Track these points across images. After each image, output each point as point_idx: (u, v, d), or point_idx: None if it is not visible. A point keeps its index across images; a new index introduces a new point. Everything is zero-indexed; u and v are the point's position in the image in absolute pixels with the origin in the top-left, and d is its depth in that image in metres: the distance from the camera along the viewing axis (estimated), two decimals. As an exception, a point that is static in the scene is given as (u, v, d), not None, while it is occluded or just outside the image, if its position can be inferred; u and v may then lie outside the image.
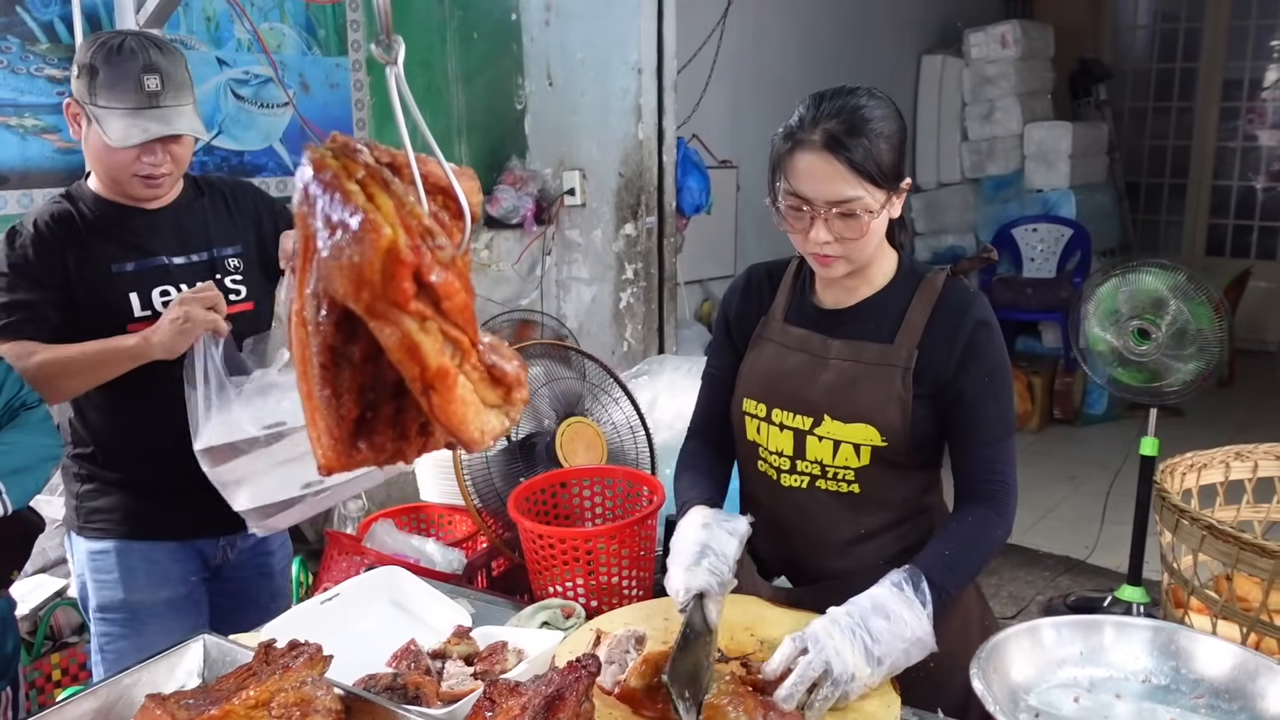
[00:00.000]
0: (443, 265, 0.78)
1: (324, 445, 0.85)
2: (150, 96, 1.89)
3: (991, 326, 1.61)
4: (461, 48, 4.10)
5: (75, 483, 2.08)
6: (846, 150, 1.50)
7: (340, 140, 0.82)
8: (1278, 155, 7.69)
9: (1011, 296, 6.46)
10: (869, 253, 1.60)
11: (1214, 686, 1.22)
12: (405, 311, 0.75)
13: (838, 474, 1.66)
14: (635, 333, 4.33)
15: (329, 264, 0.76)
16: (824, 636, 1.39)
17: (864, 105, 1.54)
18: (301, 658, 1.40)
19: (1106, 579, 4.10)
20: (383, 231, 0.75)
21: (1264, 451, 2.35)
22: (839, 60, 5.92)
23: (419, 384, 0.77)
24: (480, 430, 0.80)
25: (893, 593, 1.45)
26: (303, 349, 0.85)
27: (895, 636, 1.41)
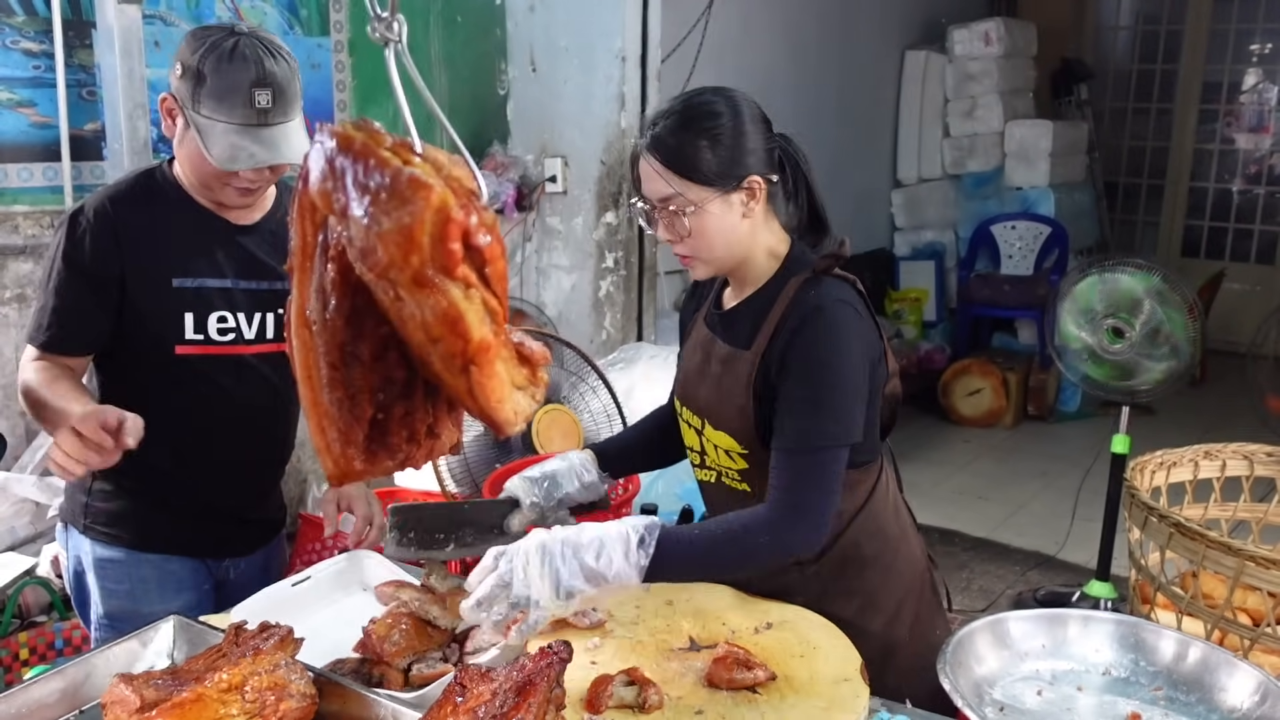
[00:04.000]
0: (488, 227, 0.75)
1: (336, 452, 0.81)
2: (260, 113, 1.73)
3: (815, 332, 1.53)
4: (444, 31, 4.08)
5: (88, 479, 1.93)
6: (663, 149, 1.55)
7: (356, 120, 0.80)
8: (1254, 158, 7.77)
9: (989, 293, 6.51)
10: (718, 251, 1.60)
11: (1173, 679, 1.25)
12: (452, 277, 0.72)
13: (729, 473, 1.68)
14: (614, 321, 4.33)
15: (371, 232, 0.71)
16: (519, 561, 1.40)
17: (693, 105, 1.57)
18: (272, 640, 1.40)
19: (1076, 574, 4.14)
20: (434, 189, 0.71)
21: (1232, 451, 2.39)
22: (823, 54, 5.93)
23: (459, 360, 0.72)
24: (514, 410, 0.77)
25: (619, 538, 1.43)
26: (306, 353, 0.81)
27: (596, 576, 1.41)
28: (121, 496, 1.95)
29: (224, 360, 1.91)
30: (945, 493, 5.12)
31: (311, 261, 0.80)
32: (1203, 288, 6.65)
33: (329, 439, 0.80)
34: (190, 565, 2.01)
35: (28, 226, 2.95)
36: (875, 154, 6.76)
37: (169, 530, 1.97)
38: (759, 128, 1.60)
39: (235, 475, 1.99)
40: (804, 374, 1.52)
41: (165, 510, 1.96)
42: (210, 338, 1.89)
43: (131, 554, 1.95)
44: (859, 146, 6.41)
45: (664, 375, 2.78)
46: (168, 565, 1.98)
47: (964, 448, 5.85)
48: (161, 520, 1.96)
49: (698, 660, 1.54)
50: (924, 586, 1.81)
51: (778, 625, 1.63)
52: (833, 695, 1.44)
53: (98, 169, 3.06)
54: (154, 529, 1.96)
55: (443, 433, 0.84)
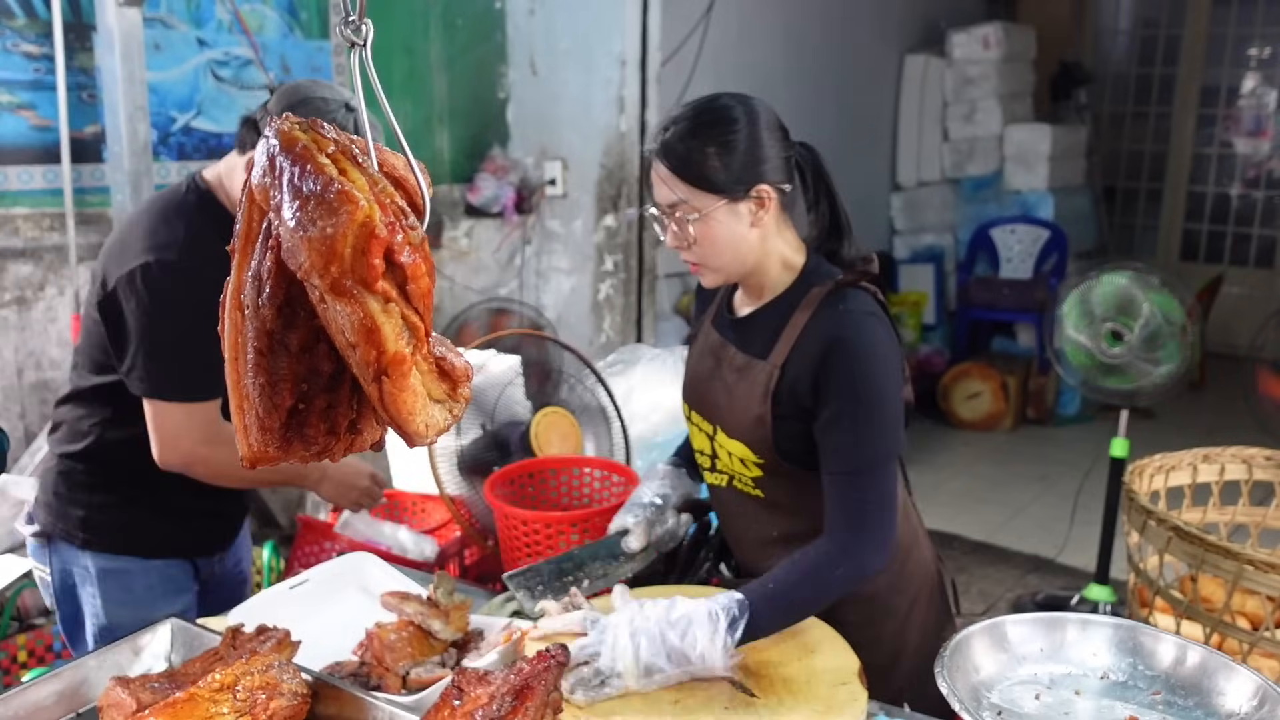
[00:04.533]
0: (413, 246, 0.77)
1: (252, 435, 0.82)
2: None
3: (852, 347, 1.52)
4: (445, 34, 4.08)
5: (83, 492, 1.94)
6: (671, 155, 1.54)
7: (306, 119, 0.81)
8: (1253, 162, 7.77)
9: (988, 296, 6.51)
10: (725, 259, 1.59)
11: (1171, 683, 1.24)
12: (371, 290, 0.74)
13: (742, 479, 1.68)
14: (614, 324, 4.33)
15: (296, 236, 0.74)
16: (609, 636, 1.44)
17: (705, 111, 1.55)
18: (269, 642, 1.41)
19: (1075, 578, 4.14)
20: (359, 204, 0.73)
21: (1231, 455, 2.38)
22: (822, 58, 5.94)
23: (372, 369, 0.75)
24: (425, 423, 0.78)
25: (706, 618, 1.45)
26: (236, 333, 0.82)
27: (681, 657, 1.44)
28: (126, 506, 1.94)
29: None
30: (944, 496, 5.12)
31: (252, 247, 0.82)
32: (1201, 291, 6.65)
33: (246, 421, 0.82)
34: (185, 567, 2.03)
35: (28, 229, 2.95)
36: (874, 157, 6.77)
37: (171, 535, 1.98)
38: (773, 136, 1.58)
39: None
40: (848, 394, 1.51)
41: (167, 515, 1.97)
42: None
43: (138, 562, 1.95)
44: (858, 150, 6.42)
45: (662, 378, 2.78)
46: (168, 570, 1.99)
47: (963, 451, 5.85)
48: (164, 526, 1.97)
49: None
50: (933, 590, 1.81)
51: (776, 628, 1.63)
52: (831, 699, 1.44)
53: (98, 171, 3.07)
54: (158, 535, 1.97)
55: (365, 429, 0.86)
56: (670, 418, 2.66)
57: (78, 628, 2.01)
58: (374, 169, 0.81)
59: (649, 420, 2.66)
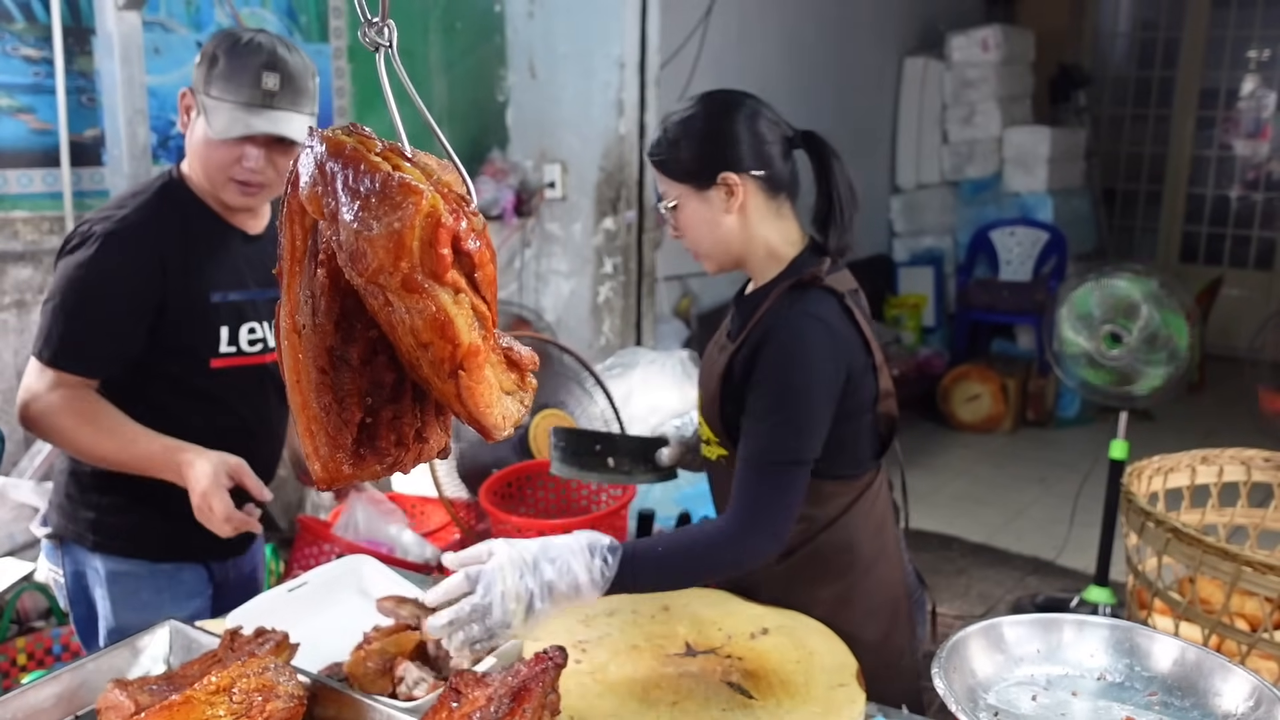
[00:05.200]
0: (477, 232, 0.75)
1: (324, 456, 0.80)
2: (266, 95, 1.73)
3: (783, 347, 1.55)
4: (444, 38, 4.09)
5: (93, 494, 1.94)
6: (656, 152, 1.67)
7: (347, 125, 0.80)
8: (1252, 164, 7.77)
9: (987, 298, 6.51)
10: (705, 246, 1.68)
11: (1167, 683, 1.24)
12: (441, 282, 0.72)
13: (719, 458, 1.75)
14: (613, 327, 4.34)
15: (361, 237, 0.72)
16: (496, 582, 1.40)
17: (678, 112, 1.66)
18: (267, 645, 1.41)
19: (1074, 580, 4.14)
20: (424, 194, 0.72)
21: (1229, 456, 2.38)
22: (822, 61, 5.94)
23: (448, 365, 0.72)
24: (502, 415, 0.76)
25: (581, 552, 1.45)
26: (295, 357, 0.80)
27: (561, 598, 1.43)
28: (136, 509, 1.93)
29: (250, 370, 1.93)
30: (944, 498, 5.12)
31: (300, 266, 0.79)
32: (1201, 293, 6.65)
33: (317, 443, 0.79)
34: (198, 571, 2.02)
35: (27, 232, 2.96)
36: (874, 160, 6.77)
37: (182, 538, 1.95)
38: (752, 125, 1.61)
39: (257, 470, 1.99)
40: (767, 390, 1.56)
41: (178, 519, 1.92)
42: (242, 349, 1.91)
43: (147, 565, 1.95)
44: (858, 152, 6.42)
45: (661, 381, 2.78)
46: (180, 573, 1.98)
47: (963, 453, 5.85)
48: (175, 529, 1.93)
49: (693, 665, 1.55)
50: (896, 613, 1.78)
51: (774, 630, 1.64)
52: (828, 700, 1.44)
53: (97, 175, 3.07)
54: (169, 539, 1.95)
55: (431, 436, 0.84)
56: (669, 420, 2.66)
57: (91, 630, 2.01)
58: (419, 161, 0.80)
59: (648, 422, 2.66)
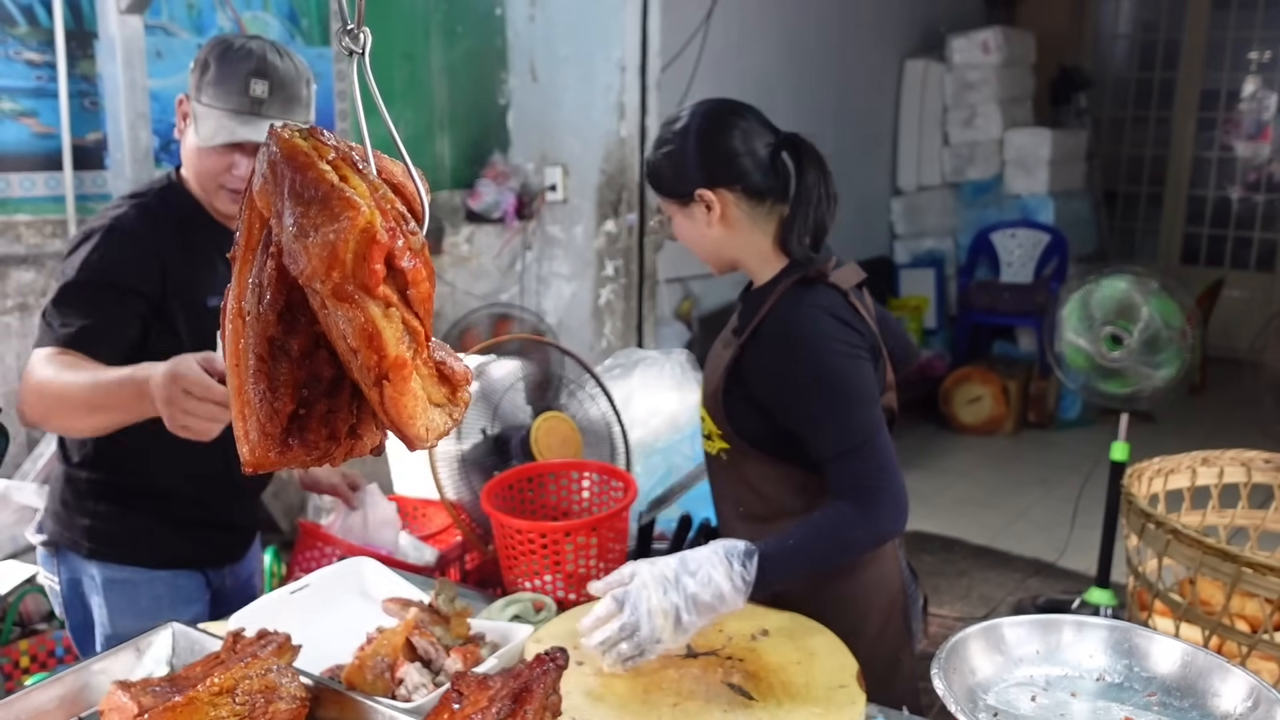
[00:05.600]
0: (414, 251, 0.77)
1: (253, 441, 0.83)
2: (254, 102, 1.73)
3: (809, 339, 1.60)
4: (445, 41, 4.10)
5: (89, 501, 1.92)
6: (646, 169, 1.77)
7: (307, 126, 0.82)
8: (1253, 166, 7.78)
9: (988, 300, 6.52)
10: (702, 254, 1.77)
11: (1166, 684, 1.25)
12: (372, 295, 0.74)
13: (720, 451, 1.79)
14: (614, 329, 4.34)
15: (299, 242, 0.74)
16: (641, 601, 1.48)
17: (661, 133, 1.74)
18: (270, 646, 1.41)
19: (1076, 582, 4.14)
20: (361, 210, 0.74)
21: (1229, 458, 2.38)
22: (822, 63, 5.95)
23: (373, 374, 0.75)
24: (425, 427, 0.79)
25: (720, 563, 1.51)
26: (237, 340, 0.83)
27: (707, 608, 1.50)
28: (132, 516, 1.93)
29: None
30: (946, 501, 5.12)
31: (253, 254, 0.83)
32: (1202, 295, 6.65)
33: (247, 427, 0.83)
34: (196, 578, 2.02)
35: (30, 236, 2.97)
36: (875, 162, 6.78)
37: (179, 545, 1.97)
38: (729, 139, 1.65)
39: (240, 485, 1.99)
40: (814, 386, 1.59)
41: (175, 526, 1.95)
42: None
43: (143, 572, 1.94)
44: (858, 154, 6.43)
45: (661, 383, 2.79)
46: (177, 580, 1.98)
47: (964, 455, 5.85)
48: (172, 536, 1.95)
49: (695, 667, 1.55)
50: (892, 610, 1.80)
51: (774, 632, 1.64)
52: (829, 701, 1.45)
53: (100, 178, 3.08)
54: (165, 546, 1.95)
55: (365, 434, 0.86)
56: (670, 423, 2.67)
57: (87, 637, 2.00)
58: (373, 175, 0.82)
59: (648, 425, 2.67)
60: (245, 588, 2.16)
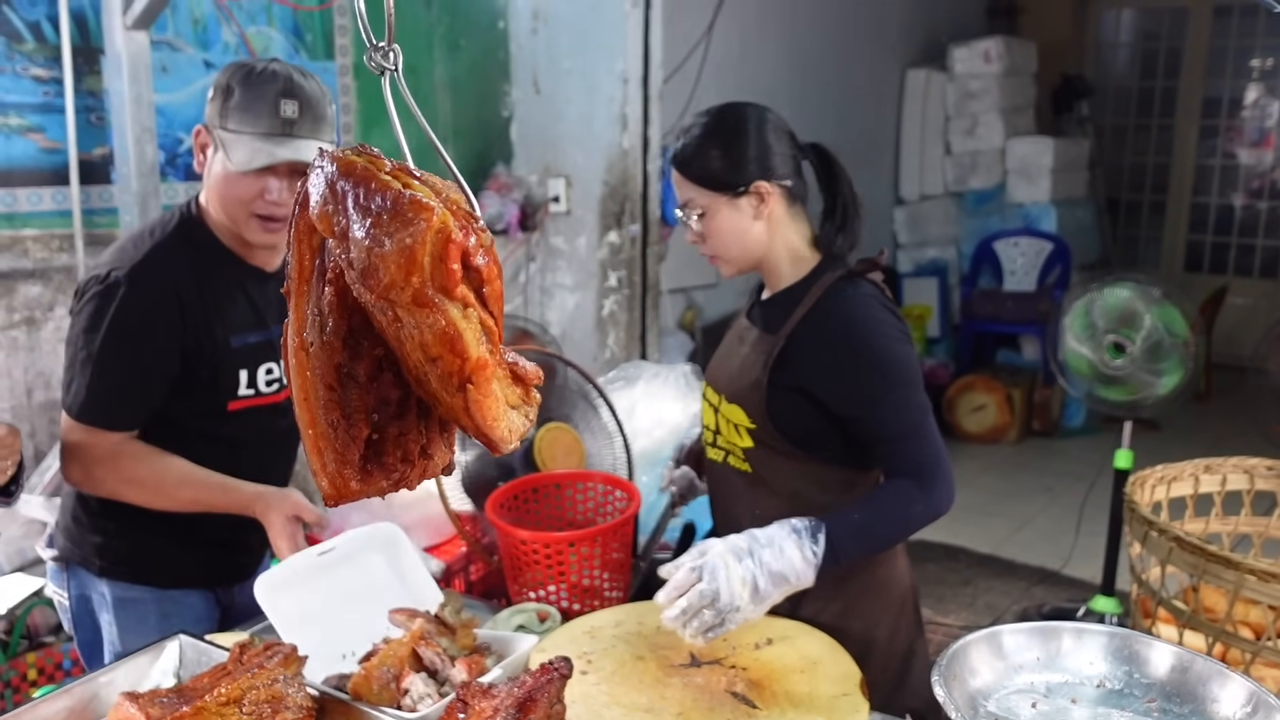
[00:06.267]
0: (486, 248, 0.77)
1: (332, 472, 0.81)
2: (286, 124, 1.71)
3: (867, 326, 1.66)
4: (448, 54, 4.12)
5: (101, 519, 1.92)
6: (680, 159, 1.74)
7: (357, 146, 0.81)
8: (1256, 173, 7.78)
9: (992, 309, 6.52)
10: (734, 252, 1.75)
11: (1166, 690, 1.25)
12: (451, 297, 0.73)
13: (736, 451, 1.79)
14: (618, 340, 4.35)
15: (373, 253, 0.73)
16: (720, 568, 1.51)
17: (708, 119, 1.74)
18: (276, 657, 1.42)
19: (1081, 590, 4.14)
20: (435, 210, 0.73)
21: (1232, 465, 2.39)
22: (824, 73, 5.97)
23: (457, 379, 0.74)
24: (509, 429, 0.78)
25: (790, 536, 1.55)
26: (303, 373, 0.81)
27: (780, 579, 1.53)
28: (146, 536, 1.92)
29: (265, 410, 1.92)
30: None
31: (308, 284, 0.81)
32: (1206, 302, 6.65)
33: (325, 460, 0.80)
34: (206, 597, 2.02)
35: (37, 250, 2.99)
36: (877, 171, 6.80)
37: (190, 565, 1.97)
38: (776, 137, 1.71)
39: None
40: (873, 372, 1.65)
41: (187, 546, 1.95)
42: (259, 390, 1.89)
43: (154, 591, 1.94)
44: (861, 164, 6.44)
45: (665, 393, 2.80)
46: (187, 599, 1.98)
47: (968, 464, 5.85)
48: (184, 556, 1.95)
49: (698, 676, 1.56)
50: (905, 603, 1.86)
51: (778, 641, 1.64)
52: (832, 710, 1.45)
53: (106, 193, 3.10)
54: (177, 565, 1.95)
55: (436, 453, 0.85)
56: (673, 433, 2.67)
57: (96, 653, 2.01)
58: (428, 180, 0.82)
59: (652, 436, 2.68)
60: (254, 605, 2.16)
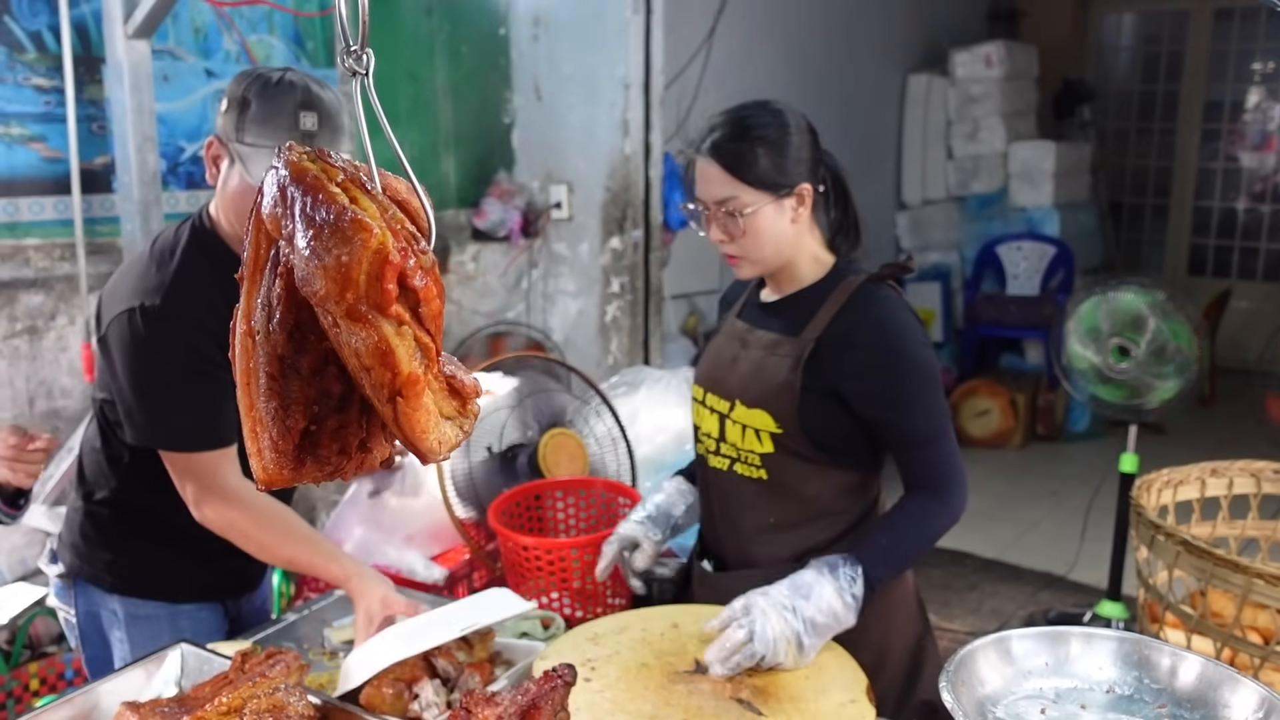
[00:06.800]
0: (425, 270, 0.78)
1: (267, 459, 0.83)
2: (305, 136, 1.67)
3: (899, 330, 1.67)
4: (449, 61, 4.12)
5: (113, 536, 1.91)
6: (723, 154, 1.67)
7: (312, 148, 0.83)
8: (1259, 177, 7.77)
9: (995, 313, 6.51)
10: (767, 252, 1.70)
11: (1177, 696, 1.24)
12: (385, 315, 0.75)
13: (749, 458, 1.75)
14: (620, 346, 4.35)
15: (312, 264, 0.75)
16: (766, 628, 1.52)
17: (750, 115, 1.69)
18: (278, 666, 1.41)
19: (1087, 595, 4.12)
20: (373, 231, 0.75)
21: (1239, 469, 2.37)
22: (826, 79, 5.97)
23: (386, 390, 0.76)
24: (438, 440, 0.79)
25: (829, 582, 1.57)
26: (248, 359, 0.84)
27: (825, 630, 1.57)
28: (156, 552, 1.91)
29: None
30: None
31: (261, 274, 0.83)
32: (1209, 306, 6.64)
33: (260, 445, 0.83)
34: (216, 609, 2.02)
35: (39, 259, 2.99)
36: (879, 176, 6.79)
37: (202, 578, 1.96)
38: (809, 139, 1.71)
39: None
40: (902, 375, 1.66)
41: (199, 559, 1.94)
42: None
43: (167, 607, 1.93)
44: (862, 169, 6.44)
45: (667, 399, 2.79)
46: (199, 613, 1.97)
47: (973, 469, 5.74)
48: (195, 570, 1.94)
49: (703, 683, 1.55)
50: (911, 598, 1.87)
51: (783, 647, 1.63)
52: (838, 715, 1.44)
53: (108, 202, 3.10)
54: (189, 580, 1.95)
55: (375, 448, 0.87)
56: (676, 439, 2.67)
57: (105, 670, 1.95)
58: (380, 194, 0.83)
59: (654, 442, 2.67)
60: (259, 613, 2.16)
